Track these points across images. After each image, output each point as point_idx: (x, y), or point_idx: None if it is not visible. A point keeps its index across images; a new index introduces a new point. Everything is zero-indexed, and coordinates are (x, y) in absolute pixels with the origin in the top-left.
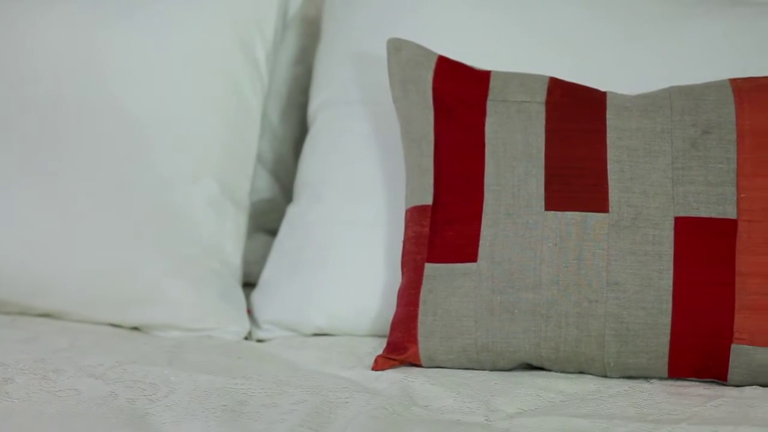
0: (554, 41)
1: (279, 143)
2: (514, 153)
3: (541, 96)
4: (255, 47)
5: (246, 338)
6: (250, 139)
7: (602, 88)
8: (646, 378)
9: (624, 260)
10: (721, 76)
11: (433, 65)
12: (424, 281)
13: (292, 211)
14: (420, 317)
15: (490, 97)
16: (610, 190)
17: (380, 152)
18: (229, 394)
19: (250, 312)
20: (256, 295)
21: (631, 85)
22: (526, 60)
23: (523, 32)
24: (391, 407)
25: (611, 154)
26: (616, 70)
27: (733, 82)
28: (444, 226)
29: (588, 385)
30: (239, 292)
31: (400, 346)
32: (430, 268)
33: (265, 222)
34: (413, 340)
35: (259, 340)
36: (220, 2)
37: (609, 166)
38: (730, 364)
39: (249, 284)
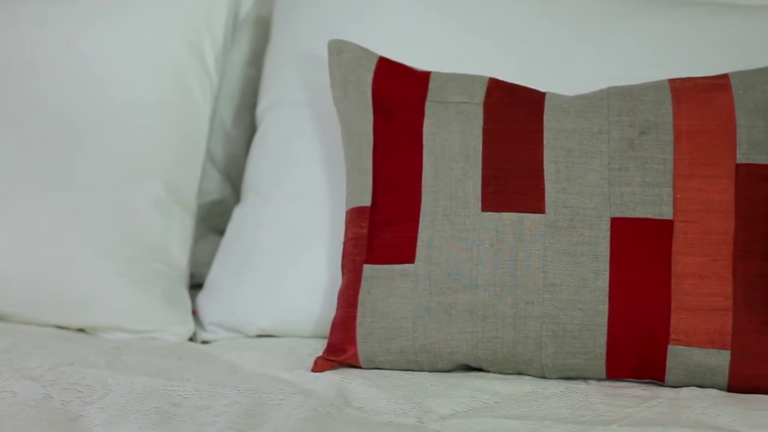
0: (501, 41)
1: (232, 144)
2: (452, 154)
3: (480, 97)
4: (204, 48)
5: (191, 339)
6: (198, 141)
7: (548, 88)
8: (585, 379)
9: (560, 261)
10: (668, 76)
11: (373, 66)
12: (363, 282)
13: (237, 213)
14: (359, 319)
15: (428, 98)
16: (546, 191)
17: (325, 153)
18: (164, 396)
19: (195, 313)
20: (202, 296)
21: (577, 84)
22: (472, 61)
23: (470, 33)
24: (324, 409)
25: (548, 154)
26: (562, 69)
27: (672, 82)
28: (382, 228)
29: (524, 386)
30: (184, 294)
31: (339, 348)
32: (368, 269)
33: (218, 223)
34: (352, 341)
35: (204, 342)
36: (167, 3)
37: (545, 167)
38: (667, 364)
39: (200, 285)
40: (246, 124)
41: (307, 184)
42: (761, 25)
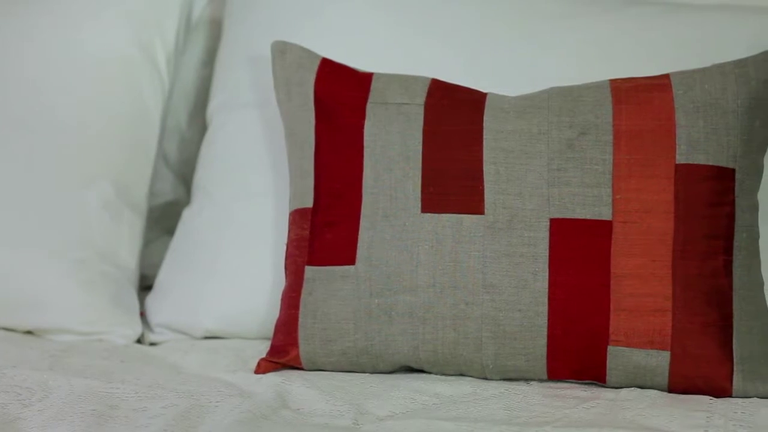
0: (450, 42)
1: (187, 145)
2: (392, 155)
3: (421, 98)
4: (155, 50)
5: (139, 341)
6: (148, 143)
7: (496, 89)
8: (527, 380)
9: (499, 262)
10: (614, 76)
11: (315, 68)
12: (305, 284)
13: (186, 214)
14: (300, 320)
15: (370, 99)
16: (485, 192)
17: (271, 155)
18: (102, 399)
19: (143, 315)
20: (150, 298)
21: (524, 84)
22: (421, 62)
23: (420, 34)
24: (260, 411)
25: (487, 155)
26: (510, 69)
27: (613, 82)
28: (323, 229)
29: (464, 387)
30: (133, 296)
31: (282, 350)
32: (310, 270)
33: (172, 225)
34: (294, 343)
35: (152, 343)
36: (118, 4)
37: (485, 168)
38: (608, 365)
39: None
40: (201, 126)
41: (254, 186)
42: (707, 24)
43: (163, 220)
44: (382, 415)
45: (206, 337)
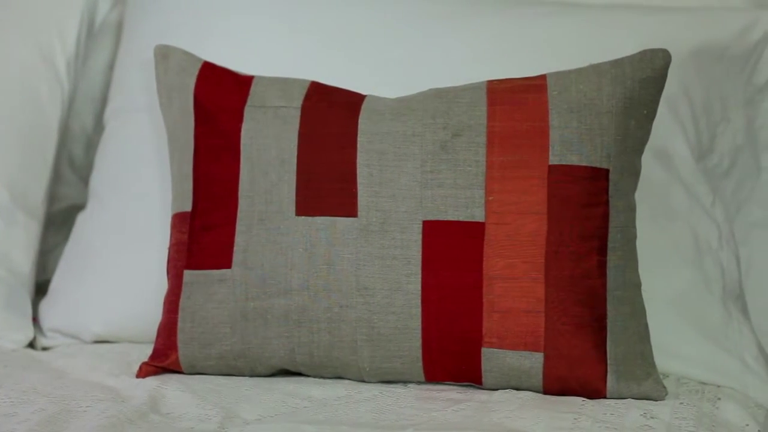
0: (339, 44)
1: (93, 149)
2: (268, 158)
3: (298, 101)
4: (55, 55)
5: (32, 346)
6: (45, 148)
7: (384, 90)
8: (405, 382)
9: (372, 265)
10: (504, 76)
11: (196, 71)
12: (184, 288)
13: (80, 218)
14: (179, 324)
15: (248, 103)
16: (359, 195)
17: (160, 159)
18: None
19: (35, 320)
20: (43, 303)
21: (412, 85)
22: (316, 65)
23: (316, 38)
24: (127, 415)
25: (361, 158)
26: (399, 70)
27: (490, 83)
28: (201, 233)
29: (339, 390)
30: (26, 300)
31: (163, 353)
32: (188, 274)
33: None
34: (174, 347)
35: (44, 348)
36: (16, 8)
37: (358, 171)
38: (483, 367)
39: None
40: None
41: (143, 190)
42: (598, 24)
43: (69, 224)
44: (250, 419)
45: (96, 341)
